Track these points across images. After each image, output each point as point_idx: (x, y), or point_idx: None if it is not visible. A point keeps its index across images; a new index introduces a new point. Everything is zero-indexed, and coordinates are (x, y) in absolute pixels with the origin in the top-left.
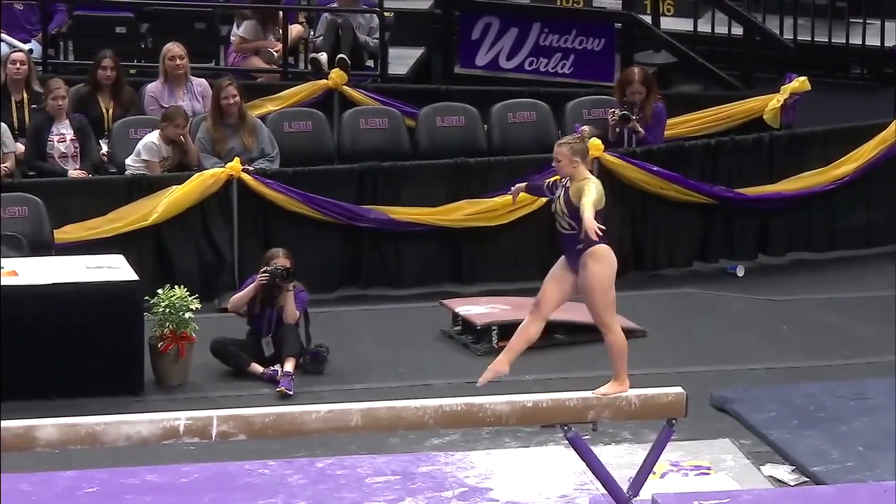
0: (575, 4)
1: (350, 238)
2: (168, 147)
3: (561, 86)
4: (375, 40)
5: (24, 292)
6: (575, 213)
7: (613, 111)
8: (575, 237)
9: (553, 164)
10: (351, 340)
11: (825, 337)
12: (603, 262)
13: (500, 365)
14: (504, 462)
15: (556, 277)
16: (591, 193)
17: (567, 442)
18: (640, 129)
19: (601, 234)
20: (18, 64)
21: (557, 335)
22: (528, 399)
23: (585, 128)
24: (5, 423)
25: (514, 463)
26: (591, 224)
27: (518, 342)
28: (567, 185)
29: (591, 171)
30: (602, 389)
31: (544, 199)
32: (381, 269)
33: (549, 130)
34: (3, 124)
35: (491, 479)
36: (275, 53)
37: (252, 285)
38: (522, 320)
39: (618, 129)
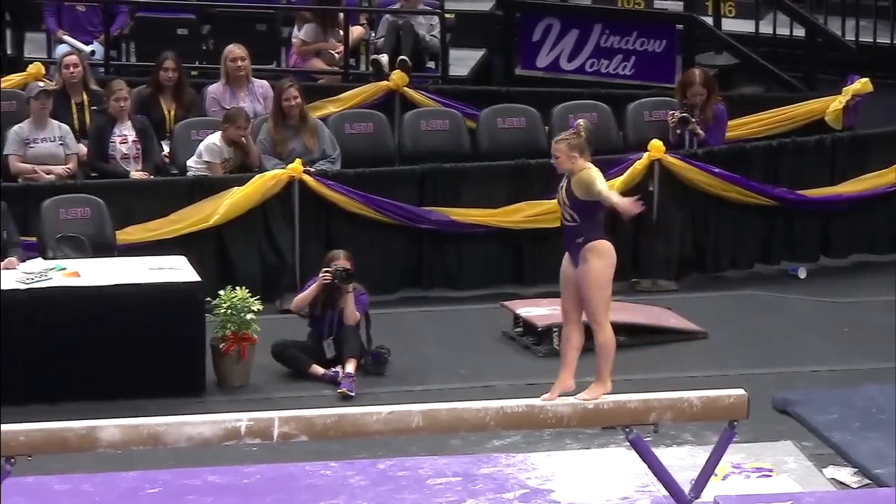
0: (636, 6)
1: (411, 240)
2: (230, 148)
3: (622, 87)
4: (436, 41)
5: (86, 293)
6: (576, 204)
7: (673, 113)
8: (576, 229)
9: (552, 161)
10: (412, 342)
11: (887, 339)
12: (603, 258)
13: (565, 383)
14: (565, 464)
15: (566, 283)
16: (599, 179)
17: (628, 444)
18: (700, 131)
19: (635, 210)
20: (72, 67)
21: (619, 337)
22: (590, 401)
23: (581, 121)
24: (69, 424)
25: (575, 465)
26: (623, 202)
27: (569, 355)
28: (569, 176)
29: (592, 162)
30: (583, 394)
31: None
32: (442, 271)
33: (610, 132)
34: (65, 126)
35: (552, 481)
36: (336, 55)
37: (313, 286)
38: (583, 321)
39: (678, 131)
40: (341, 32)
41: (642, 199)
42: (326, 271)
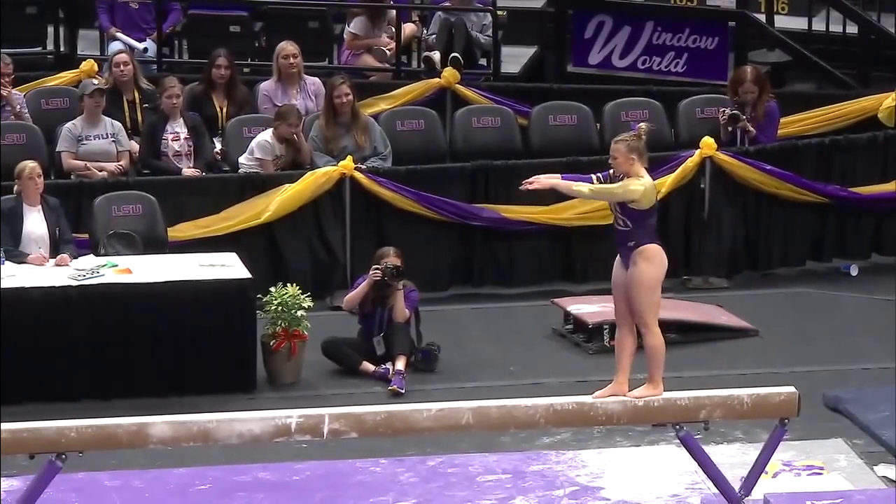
0: (689, 3)
1: (462, 237)
2: (281, 145)
3: (674, 84)
4: (488, 38)
5: (137, 290)
6: (626, 210)
7: (723, 111)
8: (627, 234)
9: (610, 161)
10: (462, 339)
11: None
12: (653, 261)
13: (621, 387)
14: (615, 461)
15: (617, 286)
16: (629, 186)
17: (679, 441)
18: (751, 128)
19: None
20: (122, 66)
21: (670, 334)
22: (640, 399)
23: (643, 125)
24: (120, 421)
25: (625, 462)
26: (539, 179)
27: (623, 359)
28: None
29: (646, 169)
30: (636, 392)
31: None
32: (492, 268)
33: (662, 129)
34: (117, 123)
35: (602, 478)
36: (387, 52)
37: (363, 283)
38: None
39: (729, 129)
40: (392, 28)
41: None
42: (376, 268)
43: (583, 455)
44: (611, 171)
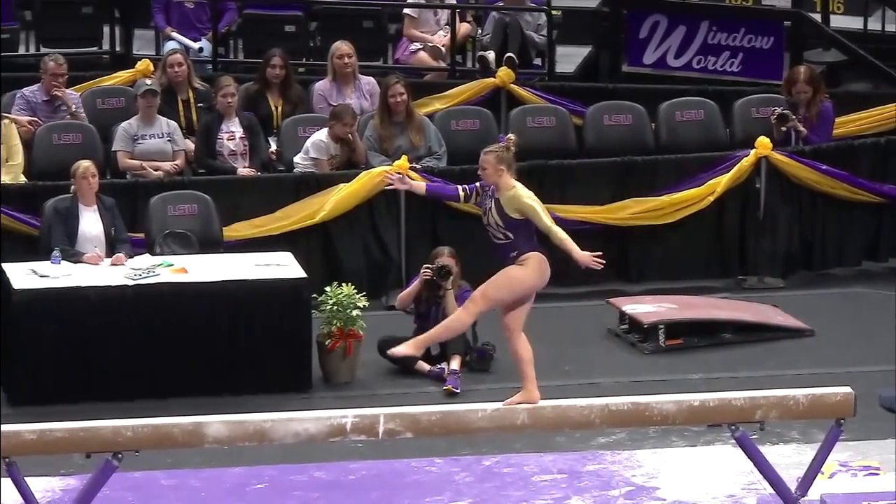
0: (744, 3)
1: None
2: (336, 145)
3: (729, 84)
4: (543, 38)
5: (193, 290)
6: (510, 224)
7: (774, 110)
8: (509, 246)
9: (479, 172)
10: None
11: None
12: (534, 271)
13: (531, 395)
14: (671, 461)
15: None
16: (545, 213)
17: (734, 441)
18: (802, 128)
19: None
20: (176, 66)
21: (725, 334)
22: (695, 398)
23: (511, 136)
24: (176, 420)
25: (680, 462)
26: (583, 257)
27: (524, 370)
28: (494, 195)
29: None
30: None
31: (709, 200)
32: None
33: (718, 129)
34: (172, 122)
35: (658, 479)
36: (442, 49)
37: (416, 283)
38: (690, 319)
39: (783, 129)
40: (443, 23)
41: (601, 257)
42: (427, 268)
43: (638, 455)
44: (478, 183)
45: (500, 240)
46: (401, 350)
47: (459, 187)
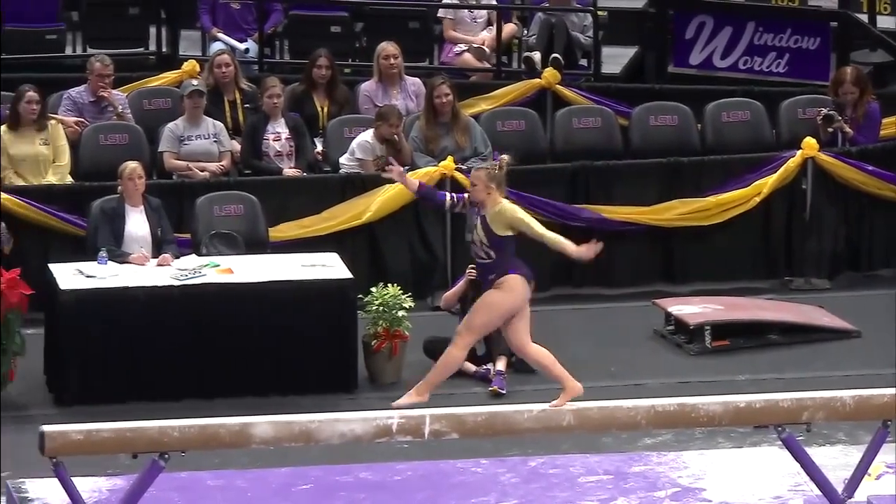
0: (790, 3)
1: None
2: (382, 146)
3: (775, 85)
4: (589, 39)
5: (239, 290)
6: (495, 242)
7: (820, 111)
8: (491, 266)
9: (469, 188)
10: (563, 340)
11: None
12: (511, 292)
13: (573, 389)
14: (717, 462)
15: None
16: (534, 222)
17: (781, 443)
18: (848, 129)
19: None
20: (224, 67)
21: (771, 335)
22: (742, 400)
23: (504, 156)
24: (222, 420)
25: (727, 463)
26: (579, 250)
27: (550, 370)
28: (481, 213)
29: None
30: (399, 402)
31: (755, 201)
32: (593, 269)
33: (764, 130)
34: (219, 123)
35: (704, 480)
36: (487, 50)
37: (461, 283)
38: (736, 320)
39: (829, 129)
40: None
41: (599, 240)
42: (472, 267)
43: (684, 456)
44: (466, 195)
45: (483, 259)
46: (405, 401)
47: (448, 195)
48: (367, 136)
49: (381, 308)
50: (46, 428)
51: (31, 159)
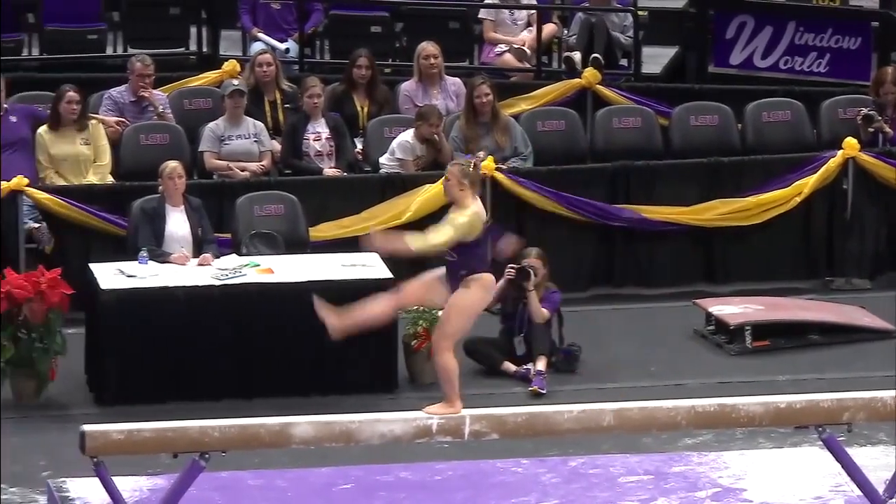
0: (831, 3)
1: (603, 237)
2: (422, 146)
3: (816, 85)
4: (629, 39)
5: (279, 290)
6: (457, 245)
7: (860, 111)
8: (458, 264)
9: (443, 182)
10: (603, 339)
11: None
12: (481, 290)
13: (452, 404)
14: (758, 463)
15: (428, 283)
16: (457, 222)
17: (821, 443)
18: (888, 129)
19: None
20: (265, 66)
21: (812, 335)
22: (782, 400)
23: (482, 153)
24: (263, 420)
25: (767, 464)
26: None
27: (361, 313)
28: (450, 211)
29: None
30: (429, 408)
31: (796, 201)
32: (633, 269)
33: (805, 130)
34: (259, 123)
35: (744, 480)
36: (527, 50)
37: (500, 283)
38: (777, 320)
39: (870, 129)
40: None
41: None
42: (511, 268)
43: (725, 457)
44: None
45: (450, 257)
46: (438, 410)
47: None
48: (408, 135)
49: (422, 308)
50: (87, 427)
51: (72, 159)
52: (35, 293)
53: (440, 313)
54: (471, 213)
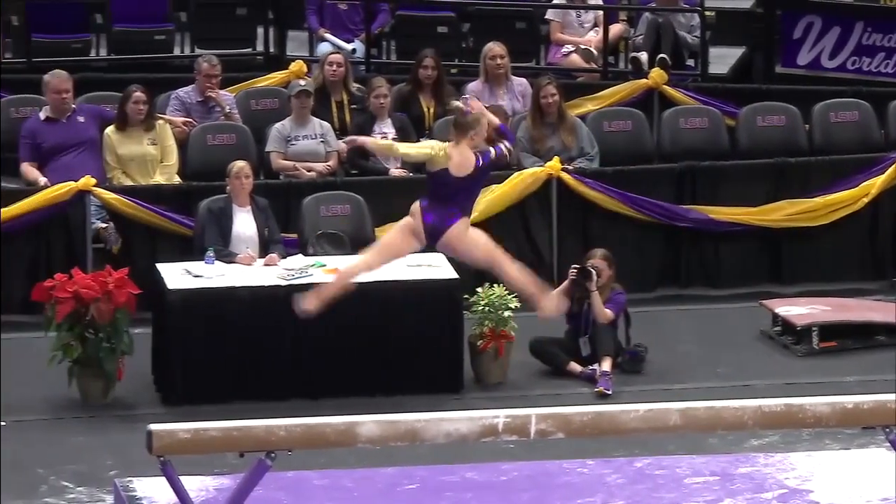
0: None
1: (669, 238)
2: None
3: (884, 85)
4: (696, 39)
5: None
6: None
7: None
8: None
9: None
10: (669, 340)
11: None
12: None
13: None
14: (825, 464)
15: (401, 231)
16: (424, 144)
17: (889, 444)
18: None
19: None
20: (335, 66)
21: (879, 336)
22: (850, 400)
23: (468, 95)
24: (329, 420)
25: (834, 465)
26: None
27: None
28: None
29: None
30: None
31: (863, 201)
32: (700, 269)
33: (872, 130)
34: (326, 123)
35: (811, 481)
36: (594, 51)
37: (564, 283)
38: (844, 321)
39: None
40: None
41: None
42: (574, 267)
43: (791, 458)
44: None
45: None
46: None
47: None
48: None
49: (487, 308)
50: (154, 427)
51: (139, 159)
52: (102, 293)
53: (507, 314)
54: (439, 146)
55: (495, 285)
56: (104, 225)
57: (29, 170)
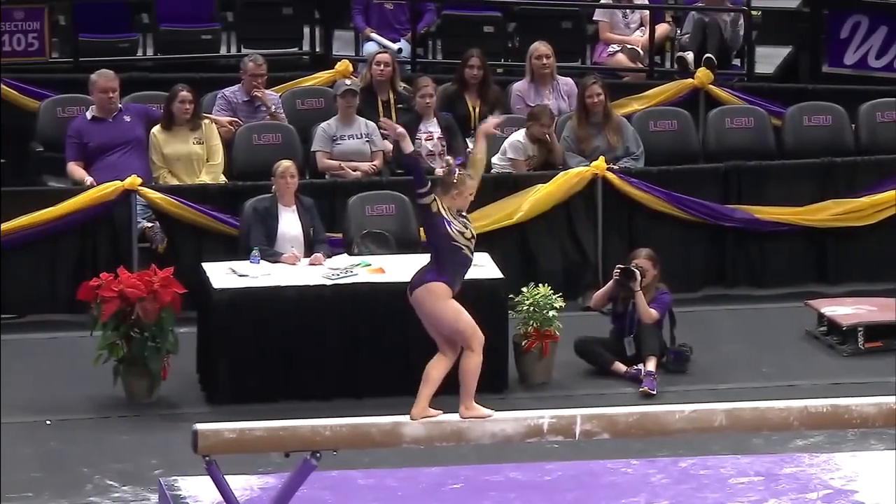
0: None
1: (714, 237)
2: (534, 146)
3: None
4: (742, 38)
5: (390, 290)
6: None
7: None
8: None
9: (462, 195)
10: (714, 340)
11: None
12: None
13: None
14: (870, 465)
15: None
16: None
17: None
18: None
19: None
20: (383, 66)
21: None
22: (895, 401)
23: (450, 159)
24: (374, 419)
25: (880, 466)
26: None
27: (429, 387)
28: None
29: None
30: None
31: None
32: (745, 269)
33: None
34: (371, 123)
35: (856, 482)
36: (640, 51)
37: (609, 283)
38: (890, 321)
39: None
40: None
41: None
42: (618, 267)
43: (836, 458)
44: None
45: (471, 257)
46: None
47: (430, 183)
48: (520, 135)
49: (532, 308)
50: (200, 426)
51: (185, 159)
52: (148, 292)
53: (552, 313)
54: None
55: (540, 285)
56: (150, 224)
57: (75, 169)
